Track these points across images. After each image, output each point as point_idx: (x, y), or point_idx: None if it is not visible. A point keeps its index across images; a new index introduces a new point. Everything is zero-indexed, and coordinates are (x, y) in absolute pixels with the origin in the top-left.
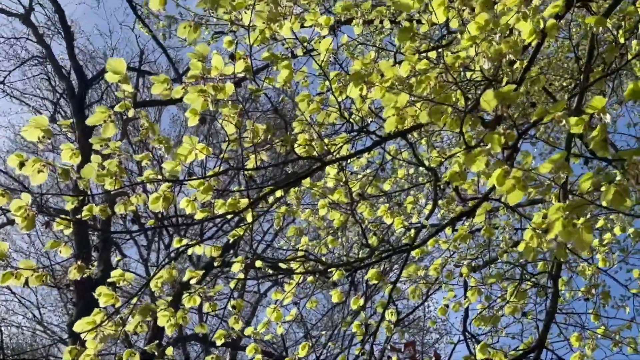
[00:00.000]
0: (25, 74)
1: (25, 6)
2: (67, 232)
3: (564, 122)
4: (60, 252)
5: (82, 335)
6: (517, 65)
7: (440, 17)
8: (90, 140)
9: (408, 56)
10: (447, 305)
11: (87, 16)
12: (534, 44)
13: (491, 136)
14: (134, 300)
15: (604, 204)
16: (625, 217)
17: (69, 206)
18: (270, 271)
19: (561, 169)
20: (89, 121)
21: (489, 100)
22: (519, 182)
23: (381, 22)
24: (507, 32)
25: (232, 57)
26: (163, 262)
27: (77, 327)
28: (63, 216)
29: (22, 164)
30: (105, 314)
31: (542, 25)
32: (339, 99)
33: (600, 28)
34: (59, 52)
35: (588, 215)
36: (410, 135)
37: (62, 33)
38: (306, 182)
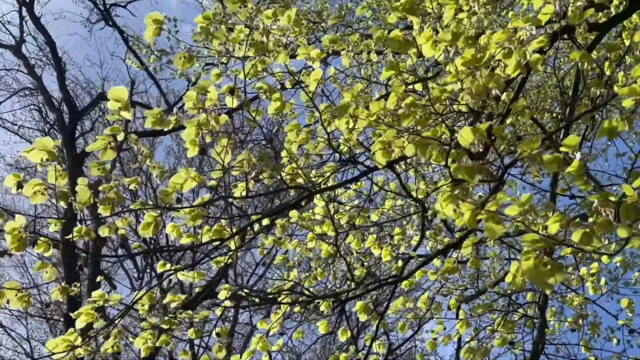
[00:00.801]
0: (16, 105)
1: (16, 37)
2: (48, 253)
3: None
4: (46, 272)
5: (55, 356)
6: (504, 97)
7: (427, 52)
8: (89, 164)
9: (394, 88)
10: (435, 339)
11: (78, 47)
12: (519, 77)
13: (465, 169)
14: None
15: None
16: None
17: (52, 228)
18: (258, 301)
19: (529, 212)
20: (90, 148)
21: (465, 136)
22: (492, 218)
23: (369, 53)
24: (492, 65)
25: (232, 92)
26: (147, 287)
27: (50, 345)
28: (50, 239)
29: (19, 185)
30: (79, 335)
31: (527, 59)
32: (328, 130)
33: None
34: (50, 82)
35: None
36: (397, 166)
37: (53, 64)
38: (294, 214)
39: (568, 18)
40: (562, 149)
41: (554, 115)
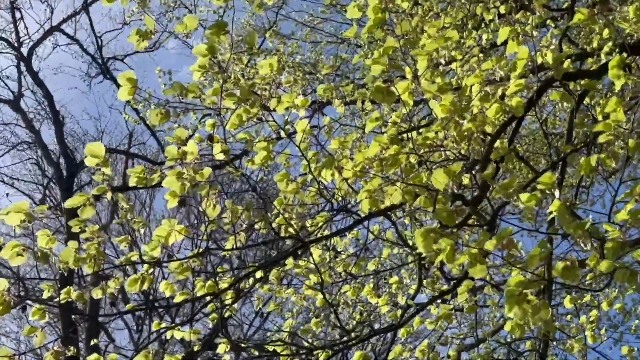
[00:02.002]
0: (14, 159)
1: (14, 92)
2: (42, 320)
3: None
4: (36, 336)
5: None
6: (497, 144)
7: (408, 102)
8: (69, 222)
9: (375, 137)
10: None
11: (76, 100)
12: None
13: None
14: None
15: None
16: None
17: (46, 294)
18: (257, 354)
19: (509, 246)
20: (67, 204)
21: (439, 178)
22: (474, 258)
23: (363, 102)
24: (475, 111)
25: (210, 139)
26: (142, 346)
27: None
28: (42, 302)
29: None
30: None
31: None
32: (318, 179)
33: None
34: (49, 136)
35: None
36: (393, 214)
37: (52, 118)
38: (289, 262)
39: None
40: (539, 186)
41: (549, 162)
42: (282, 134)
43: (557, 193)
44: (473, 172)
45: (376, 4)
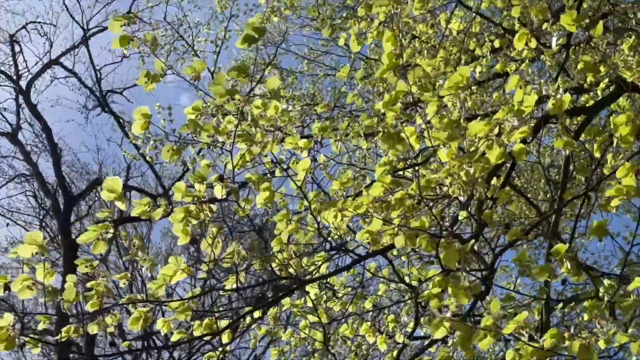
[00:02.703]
0: (13, 191)
1: (12, 125)
2: (35, 351)
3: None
4: None
5: None
6: (494, 181)
7: (414, 145)
8: (75, 261)
9: (380, 178)
10: None
11: (74, 133)
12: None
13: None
14: None
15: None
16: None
17: (41, 326)
18: None
19: (524, 328)
20: (81, 239)
21: (450, 256)
22: (488, 333)
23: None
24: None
25: (221, 179)
26: None
27: None
28: (40, 340)
29: (7, 287)
30: None
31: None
32: (318, 219)
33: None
34: (46, 168)
35: None
36: (390, 252)
37: (49, 150)
38: (286, 302)
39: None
40: (552, 254)
41: (548, 195)
42: (277, 172)
43: (568, 264)
44: (470, 209)
45: (391, 51)
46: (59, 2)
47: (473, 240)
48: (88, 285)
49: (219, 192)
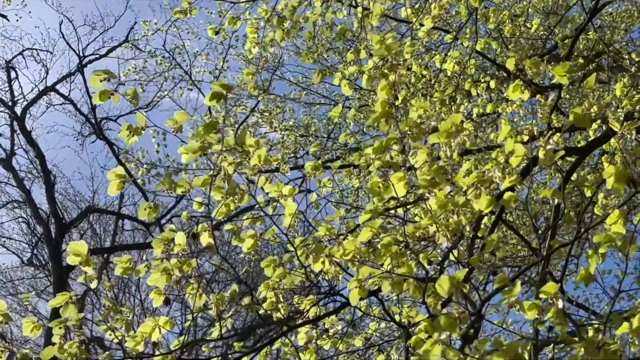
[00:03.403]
0: (5, 217)
1: (6, 151)
2: None
3: (517, 307)
4: None
5: None
6: (485, 220)
7: (400, 191)
8: (49, 324)
9: (369, 224)
10: None
11: (69, 160)
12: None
13: (446, 320)
14: None
15: None
16: None
17: None
18: None
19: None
20: (50, 305)
21: (444, 286)
22: None
23: (350, 178)
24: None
25: (194, 236)
26: None
27: None
28: None
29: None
30: None
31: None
32: (305, 263)
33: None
34: (40, 195)
35: None
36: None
37: (43, 178)
38: (276, 343)
39: (538, 159)
40: (541, 295)
41: (539, 231)
42: (270, 209)
43: (560, 303)
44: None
45: (384, 99)
46: (56, 29)
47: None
48: (66, 346)
49: (205, 239)
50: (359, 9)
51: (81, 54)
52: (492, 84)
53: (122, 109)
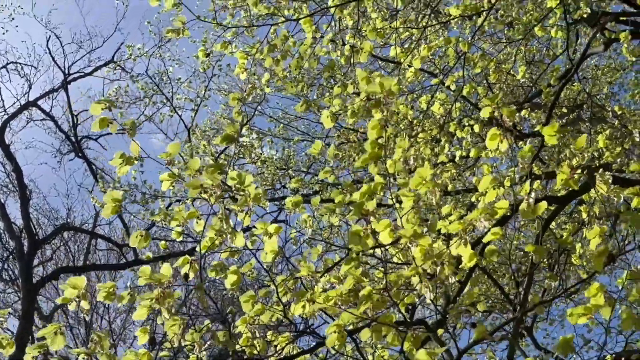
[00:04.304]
0: None
1: None
2: None
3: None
4: None
5: None
6: (464, 263)
7: (385, 239)
8: (27, 350)
9: (351, 272)
10: None
11: (46, 176)
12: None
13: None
14: None
15: None
16: None
17: None
18: None
19: None
20: (39, 334)
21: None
22: None
23: (329, 215)
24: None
25: (186, 277)
26: None
27: None
28: None
29: None
30: None
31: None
32: (283, 300)
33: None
34: (15, 209)
35: None
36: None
37: (18, 192)
38: None
39: (519, 212)
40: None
41: (514, 278)
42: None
43: None
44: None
45: (373, 139)
46: (43, 45)
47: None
48: None
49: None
50: (347, 46)
51: (66, 71)
52: (476, 128)
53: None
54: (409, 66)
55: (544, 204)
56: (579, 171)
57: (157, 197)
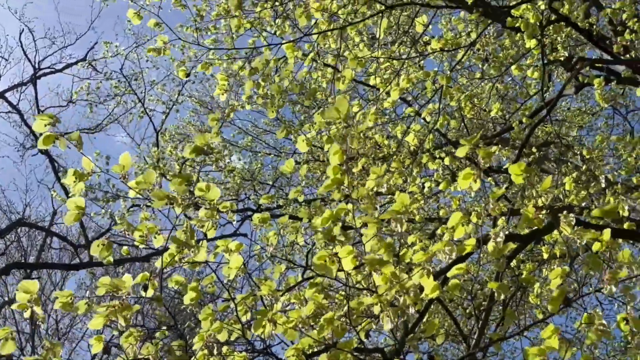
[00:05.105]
0: None
1: None
2: None
3: None
4: None
5: None
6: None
7: (347, 266)
8: None
9: (313, 296)
10: None
11: (7, 169)
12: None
13: None
14: None
15: None
16: None
17: None
18: None
19: None
20: None
21: None
22: None
23: (296, 234)
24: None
25: (145, 288)
26: None
27: None
28: None
29: None
30: None
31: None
32: (243, 319)
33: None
34: None
35: None
36: None
37: None
38: None
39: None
40: None
41: (474, 314)
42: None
43: None
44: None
45: (336, 165)
46: (15, 37)
47: None
48: None
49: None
50: (329, 69)
51: (37, 66)
52: (447, 161)
53: (70, 126)
54: (387, 94)
55: (510, 245)
56: (543, 211)
57: (118, 197)
